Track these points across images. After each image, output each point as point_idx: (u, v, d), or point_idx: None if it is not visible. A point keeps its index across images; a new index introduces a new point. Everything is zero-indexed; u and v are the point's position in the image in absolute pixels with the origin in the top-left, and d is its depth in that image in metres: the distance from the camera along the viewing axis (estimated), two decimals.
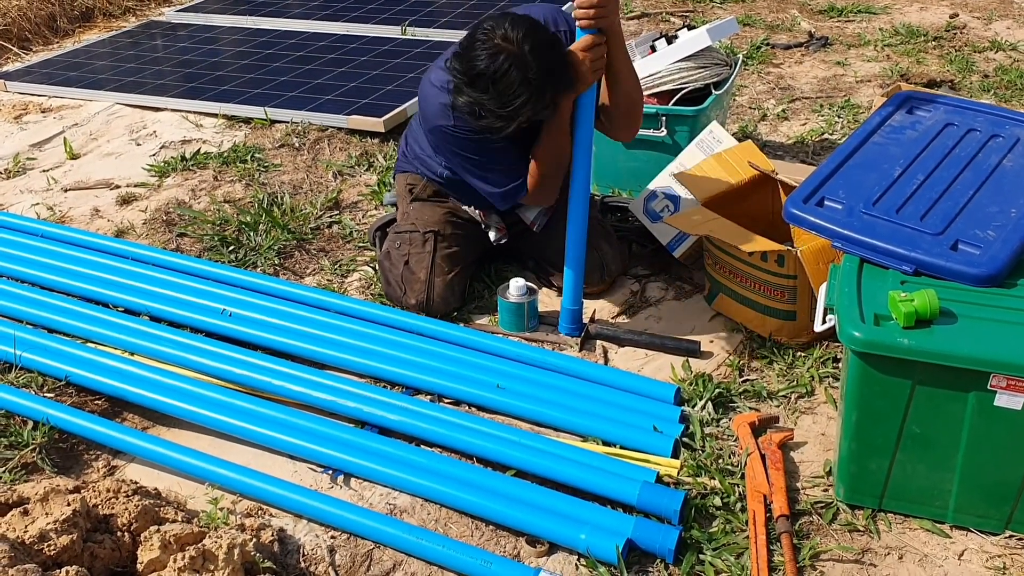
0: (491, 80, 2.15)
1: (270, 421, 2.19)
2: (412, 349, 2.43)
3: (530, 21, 2.21)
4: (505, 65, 2.14)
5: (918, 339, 1.72)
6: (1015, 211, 2.00)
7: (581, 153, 2.38)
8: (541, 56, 2.16)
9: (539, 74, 2.16)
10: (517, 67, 2.14)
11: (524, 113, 2.20)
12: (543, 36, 2.20)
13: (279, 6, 5.57)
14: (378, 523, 1.91)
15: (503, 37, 2.16)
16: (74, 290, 2.78)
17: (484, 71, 2.16)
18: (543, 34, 2.21)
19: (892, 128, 2.32)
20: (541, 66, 2.16)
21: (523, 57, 2.14)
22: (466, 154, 2.46)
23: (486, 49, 2.16)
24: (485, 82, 2.16)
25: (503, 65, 2.14)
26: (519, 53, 2.15)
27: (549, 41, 2.21)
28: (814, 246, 2.26)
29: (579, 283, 2.51)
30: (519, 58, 2.14)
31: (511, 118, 2.21)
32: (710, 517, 1.94)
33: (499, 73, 2.15)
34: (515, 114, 2.19)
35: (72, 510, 1.78)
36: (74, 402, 2.32)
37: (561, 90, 2.25)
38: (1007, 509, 1.84)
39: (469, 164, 2.49)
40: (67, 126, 4.11)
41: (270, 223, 3.13)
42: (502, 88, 2.16)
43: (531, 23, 2.20)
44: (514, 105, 2.17)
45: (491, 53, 2.15)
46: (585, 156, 2.39)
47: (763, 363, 2.42)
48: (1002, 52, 4.50)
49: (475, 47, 2.18)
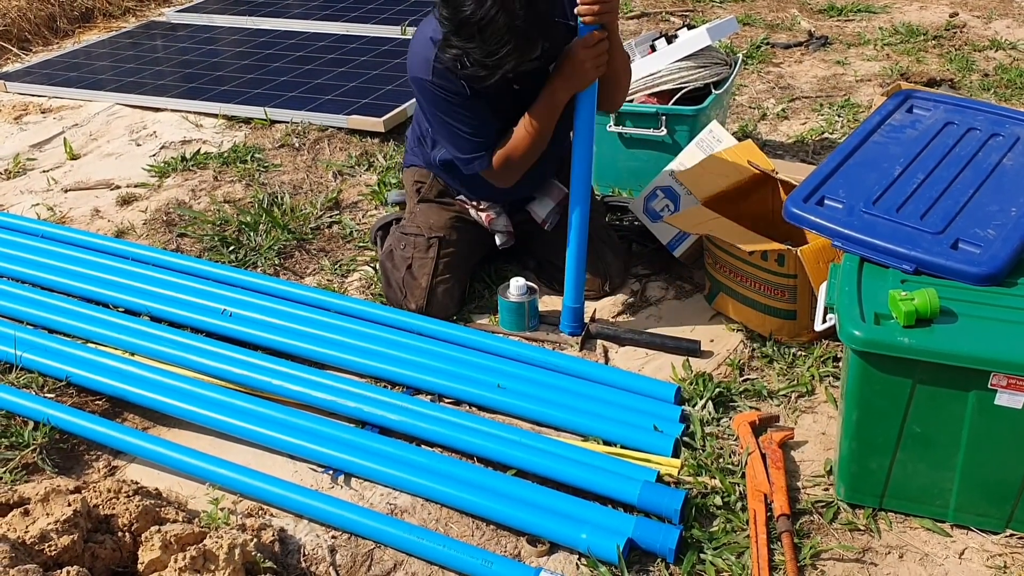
0: (477, 27, 2.09)
1: (270, 421, 2.19)
2: (412, 349, 2.44)
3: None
4: (492, 11, 2.07)
5: (918, 338, 1.72)
6: (1015, 210, 2.00)
7: (582, 148, 2.38)
8: (529, 3, 2.10)
9: (527, 22, 2.10)
10: (505, 13, 2.08)
11: (509, 62, 2.14)
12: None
13: (279, 6, 5.57)
14: (379, 523, 1.91)
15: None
16: (74, 290, 2.78)
17: (470, 17, 2.09)
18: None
19: (892, 127, 2.32)
20: (529, 14, 2.10)
21: (510, 4, 2.09)
22: (439, 112, 2.42)
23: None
24: (471, 29, 2.10)
25: (490, 11, 2.07)
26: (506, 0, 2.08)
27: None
28: (814, 245, 2.26)
29: (580, 281, 2.51)
30: (506, 4, 2.08)
31: (496, 67, 2.15)
32: (711, 516, 1.94)
33: (485, 20, 2.07)
34: (500, 63, 2.14)
35: (73, 510, 1.79)
36: (75, 402, 2.32)
37: (549, 41, 2.19)
38: (1008, 508, 1.84)
39: (439, 123, 2.45)
40: (67, 126, 4.11)
41: (270, 223, 3.13)
42: (488, 35, 2.09)
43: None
44: (500, 54, 2.12)
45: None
46: (586, 151, 2.38)
47: (763, 362, 2.42)
48: (1002, 51, 4.50)
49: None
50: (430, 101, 2.42)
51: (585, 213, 2.44)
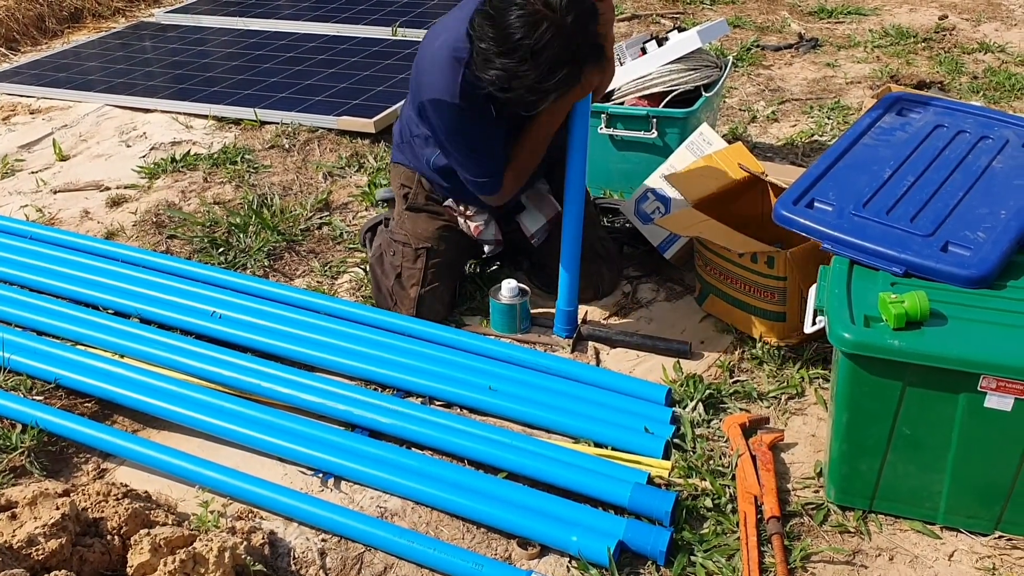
0: (531, 51, 1.97)
1: (260, 424, 2.18)
2: (403, 351, 2.43)
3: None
4: (548, 35, 1.96)
5: (908, 340, 1.73)
6: (1005, 212, 2.01)
7: (577, 153, 2.39)
8: (584, 27, 2.01)
9: (581, 48, 2.02)
10: (560, 38, 1.97)
11: (562, 88, 2.06)
12: (586, 5, 2.03)
13: (269, 7, 5.55)
14: (369, 526, 1.91)
15: (544, 3, 1.98)
16: (63, 292, 2.77)
17: (522, 40, 1.97)
18: (586, 3, 2.04)
19: (882, 130, 2.33)
20: (583, 39, 2.02)
21: (566, 28, 1.98)
22: (458, 134, 2.33)
23: (525, 15, 1.98)
24: (524, 52, 1.98)
25: (545, 35, 1.96)
26: (562, 23, 1.97)
27: (591, 11, 2.05)
28: (804, 248, 2.27)
29: (574, 284, 2.51)
30: (562, 29, 1.97)
31: (547, 92, 2.06)
32: (701, 518, 1.95)
33: (540, 43, 1.96)
34: (553, 88, 2.05)
35: (61, 514, 1.78)
36: (63, 404, 2.31)
37: (595, 67, 2.13)
38: (997, 510, 1.84)
39: (457, 145, 2.36)
40: (56, 127, 4.09)
41: (260, 225, 3.12)
42: (542, 61, 1.98)
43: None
44: (554, 79, 2.03)
45: (532, 21, 1.97)
46: (580, 156, 2.39)
47: (753, 364, 2.42)
48: (991, 54, 4.52)
49: (511, 11, 1.99)
50: (450, 124, 2.32)
51: (579, 218, 2.44)
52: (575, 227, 2.46)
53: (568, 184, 2.43)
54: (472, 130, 2.32)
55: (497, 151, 2.39)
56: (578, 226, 2.46)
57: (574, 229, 2.46)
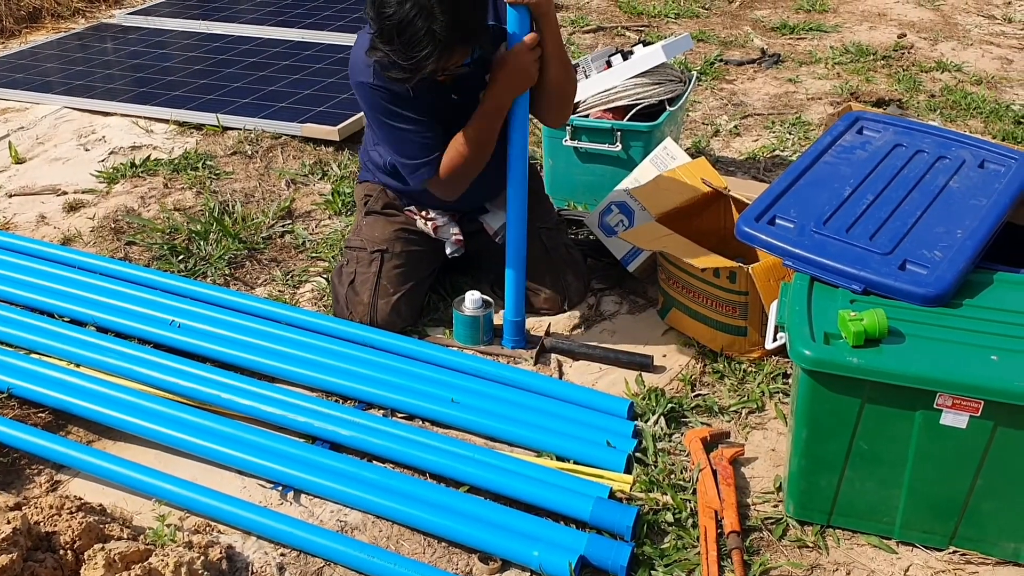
0: (396, 30, 2.09)
1: (219, 435, 2.15)
2: (365, 362, 2.41)
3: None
4: (411, 14, 2.07)
5: (867, 358, 1.75)
6: (961, 232, 2.05)
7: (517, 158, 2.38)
8: (450, 8, 2.09)
9: (446, 28, 2.09)
10: (422, 17, 2.07)
11: (427, 66, 2.13)
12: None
13: (233, 11, 5.50)
14: (328, 540, 1.89)
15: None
16: (18, 299, 2.72)
17: (390, 17, 2.09)
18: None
19: (842, 148, 2.36)
20: (449, 19, 2.09)
21: (430, 8, 2.07)
22: (382, 116, 2.41)
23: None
24: (391, 31, 2.10)
25: (409, 13, 2.07)
26: (426, 3, 2.07)
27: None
28: (766, 263, 2.29)
29: (520, 294, 2.51)
30: (424, 7, 2.07)
31: (415, 70, 2.14)
32: (662, 533, 1.95)
33: (404, 22, 2.07)
34: (418, 66, 2.13)
35: (12, 528, 1.74)
36: (16, 415, 2.26)
37: (473, 46, 2.20)
38: (952, 525, 1.87)
39: (384, 128, 2.44)
40: (12, 129, 4.02)
41: (221, 232, 3.09)
42: (406, 38, 2.09)
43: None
44: (416, 57, 2.11)
45: (399, 0, 2.08)
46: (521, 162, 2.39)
47: (715, 378, 2.44)
48: (947, 72, 4.61)
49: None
50: (373, 104, 2.40)
51: (522, 225, 2.44)
52: (518, 239, 2.45)
53: (509, 193, 2.42)
54: (395, 110, 2.37)
55: (426, 134, 2.41)
56: (521, 238, 2.45)
57: (518, 241, 2.45)
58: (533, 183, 2.55)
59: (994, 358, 1.74)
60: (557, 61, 2.35)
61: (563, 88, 2.44)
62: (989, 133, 3.88)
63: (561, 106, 2.51)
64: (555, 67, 2.36)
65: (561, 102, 2.49)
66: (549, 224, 2.74)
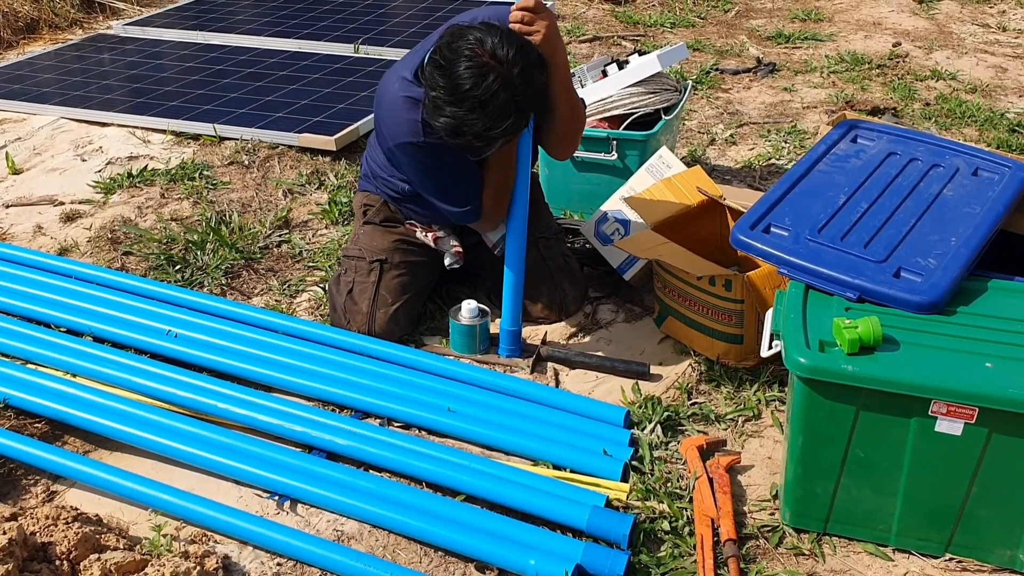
0: (479, 101, 2.08)
1: (215, 445, 2.15)
2: (361, 371, 2.42)
3: (519, 39, 2.15)
4: (495, 87, 2.07)
5: (862, 366, 1.76)
6: (955, 239, 2.06)
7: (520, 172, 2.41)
8: (530, 79, 2.12)
9: (527, 98, 2.12)
10: (506, 89, 2.08)
11: (508, 135, 2.16)
12: (533, 57, 2.14)
13: (230, 22, 5.52)
14: (325, 550, 1.89)
15: (491, 55, 2.09)
16: (15, 310, 2.72)
17: (471, 90, 2.08)
18: (532, 55, 2.15)
19: (837, 156, 2.37)
20: (529, 90, 2.12)
21: (512, 80, 2.08)
22: (431, 173, 2.41)
23: (473, 66, 2.08)
24: (472, 103, 2.09)
25: (493, 86, 2.07)
26: (508, 75, 2.08)
27: (537, 62, 2.17)
28: (761, 271, 2.29)
29: (518, 304, 2.52)
30: (508, 80, 2.08)
31: (494, 140, 2.16)
32: (659, 541, 1.95)
33: (488, 94, 2.07)
34: (499, 136, 2.15)
35: (8, 539, 1.73)
36: (13, 425, 2.26)
37: (541, 113, 2.23)
38: (947, 532, 1.87)
39: (433, 183, 2.44)
40: (9, 140, 4.02)
41: (218, 242, 3.09)
42: (490, 110, 2.09)
43: (521, 42, 2.14)
44: (500, 128, 2.12)
45: (480, 72, 2.07)
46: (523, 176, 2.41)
47: (711, 386, 2.44)
48: (942, 81, 4.63)
49: (460, 62, 2.10)
50: (420, 163, 2.38)
51: (522, 238, 2.45)
52: (518, 249, 2.47)
53: (513, 205, 2.45)
54: (443, 164, 2.37)
55: (471, 179, 2.44)
56: (521, 249, 2.46)
57: (517, 251, 2.47)
58: (534, 192, 2.57)
59: (989, 365, 1.75)
60: (564, 98, 2.39)
61: (569, 125, 2.47)
62: (984, 141, 3.90)
63: (568, 142, 2.55)
64: (562, 104, 2.39)
65: (567, 138, 2.53)
66: (548, 234, 2.75)
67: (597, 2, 5.98)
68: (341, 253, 2.71)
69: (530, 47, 2.17)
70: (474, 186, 2.44)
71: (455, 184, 2.44)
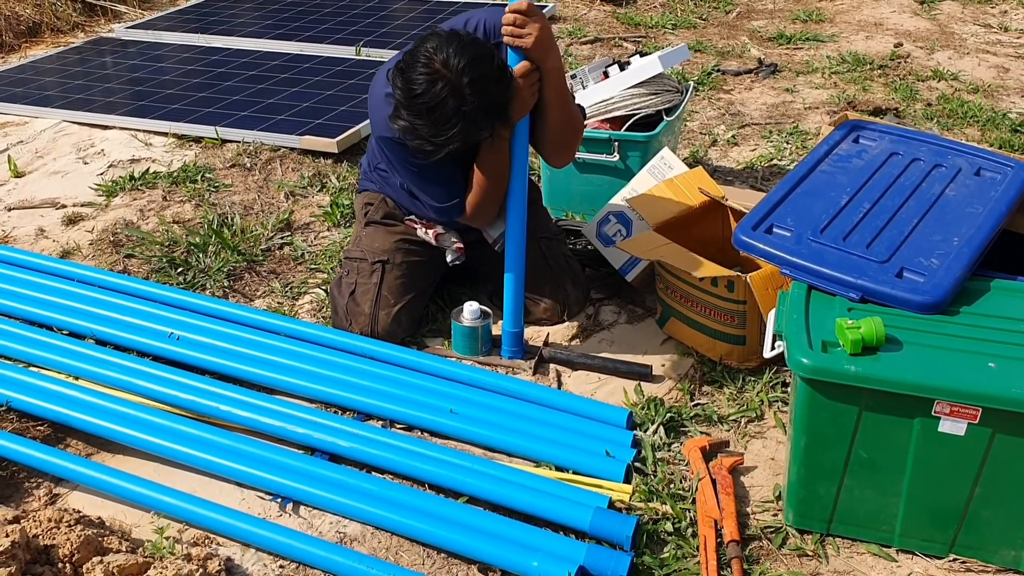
0: (426, 107, 2.13)
1: (218, 448, 2.15)
2: (364, 373, 2.42)
3: (477, 50, 2.16)
4: (443, 94, 2.11)
5: (864, 366, 1.75)
6: (957, 239, 2.05)
7: (517, 174, 2.40)
8: (480, 90, 2.13)
9: (475, 108, 2.14)
10: (454, 97, 2.12)
11: (454, 143, 2.18)
12: (486, 69, 2.16)
13: (231, 25, 5.53)
14: (328, 552, 1.89)
15: (443, 63, 2.12)
16: (17, 312, 2.72)
17: (420, 96, 2.13)
18: (487, 67, 2.16)
19: (839, 157, 2.36)
20: (478, 100, 2.13)
21: (461, 89, 2.11)
22: (409, 166, 2.43)
23: (425, 73, 2.13)
24: (420, 107, 2.14)
25: (441, 93, 2.11)
26: (457, 84, 2.11)
27: (493, 75, 2.18)
28: (763, 272, 2.29)
29: (519, 306, 2.52)
30: (457, 89, 2.11)
31: (441, 146, 2.19)
32: (662, 543, 1.95)
33: (435, 101, 2.12)
34: (445, 143, 2.18)
35: (11, 541, 1.73)
36: (15, 428, 2.26)
37: (497, 124, 2.24)
38: (951, 533, 1.87)
39: (412, 176, 2.47)
40: (12, 143, 4.03)
41: (220, 244, 3.09)
42: (436, 117, 2.14)
43: (477, 53, 2.16)
44: (445, 136, 2.16)
45: (430, 79, 2.12)
46: (521, 178, 2.41)
47: (714, 387, 2.44)
48: (944, 81, 4.62)
49: (416, 68, 2.15)
50: (399, 157, 2.42)
51: (521, 238, 2.45)
52: (518, 251, 2.46)
53: (509, 206, 2.45)
54: (417, 161, 2.37)
55: (452, 176, 2.44)
56: (520, 250, 2.46)
57: (517, 253, 2.46)
58: (531, 194, 2.57)
59: (992, 365, 1.75)
60: (557, 105, 2.38)
61: (563, 131, 2.47)
62: (986, 141, 3.89)
63: (562, 149, 2.55)
64: (555, 111, 2.39)
65: (562, 145, 2.53)
66: (548, 234, 2.75)
67: (598, 3, 5.98)
68: (343, 255, 2.71)
69: (490, 59, 2.18)
70: (455, 183, 2.45)
71: (435, 179, 2.45)
